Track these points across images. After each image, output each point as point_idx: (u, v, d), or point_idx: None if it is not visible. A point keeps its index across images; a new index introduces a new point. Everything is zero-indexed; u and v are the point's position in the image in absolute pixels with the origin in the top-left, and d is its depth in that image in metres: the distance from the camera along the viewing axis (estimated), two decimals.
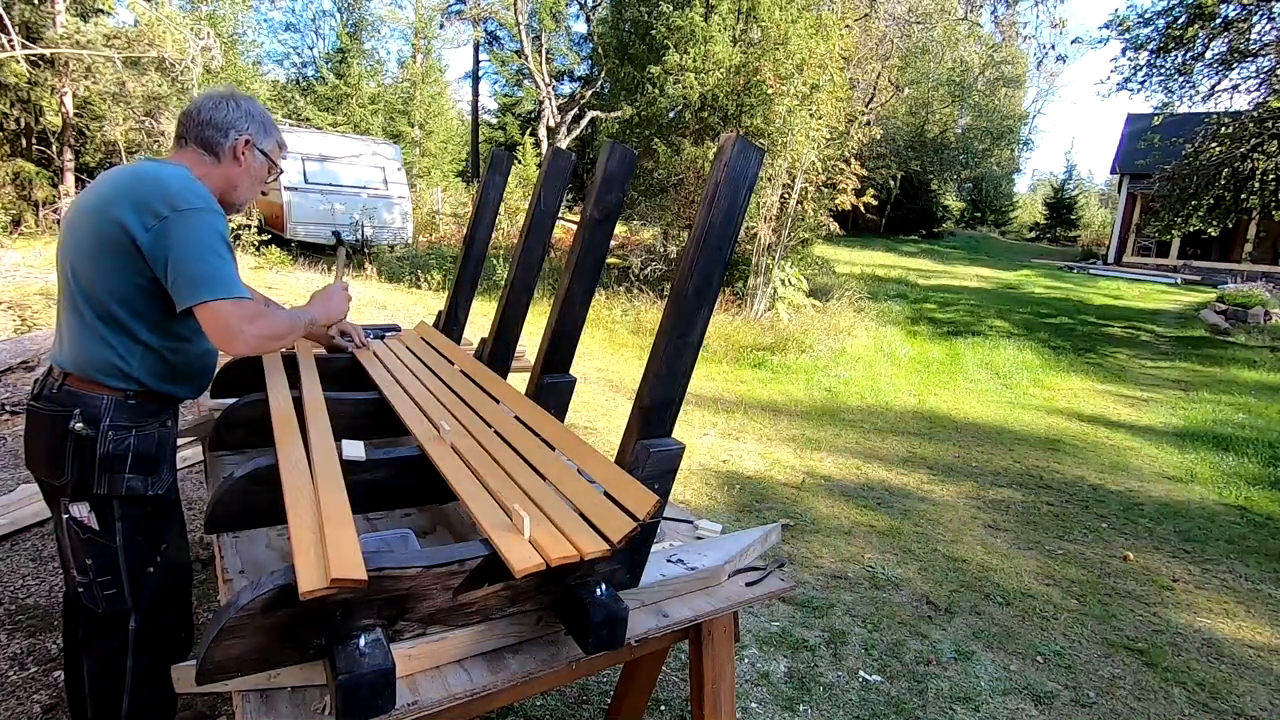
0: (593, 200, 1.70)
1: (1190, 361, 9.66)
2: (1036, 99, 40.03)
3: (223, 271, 1.41)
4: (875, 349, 9.13)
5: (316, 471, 1.35)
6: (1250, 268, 19.75)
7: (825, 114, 9.56)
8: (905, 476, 4.75)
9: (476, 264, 2.51)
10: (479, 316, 6.87)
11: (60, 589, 2.64)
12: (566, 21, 24.96)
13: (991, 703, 2.44)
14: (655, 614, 1.39)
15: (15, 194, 11.54)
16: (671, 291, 1.30)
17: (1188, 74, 12.14)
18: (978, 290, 15.67)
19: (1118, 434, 6.19)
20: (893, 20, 16.32)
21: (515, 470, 1.43)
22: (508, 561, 1.08)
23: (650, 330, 8.52)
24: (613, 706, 2.15)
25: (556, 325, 1.78)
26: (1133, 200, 22.11)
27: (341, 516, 1.16)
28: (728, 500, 4.06)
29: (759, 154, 1.26)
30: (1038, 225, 35.08)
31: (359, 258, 11.49)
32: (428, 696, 1.09)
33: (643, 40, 10.86)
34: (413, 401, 1.86)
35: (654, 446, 1.29)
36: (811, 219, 10.60)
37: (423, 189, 19.41)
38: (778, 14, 9.59)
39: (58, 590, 2.65)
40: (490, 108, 31.81)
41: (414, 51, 27.04)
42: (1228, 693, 2.61)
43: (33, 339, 5.41)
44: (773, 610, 2.90)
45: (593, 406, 5.67)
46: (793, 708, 2.34)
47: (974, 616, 3.02)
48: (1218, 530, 4.17)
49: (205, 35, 11.16)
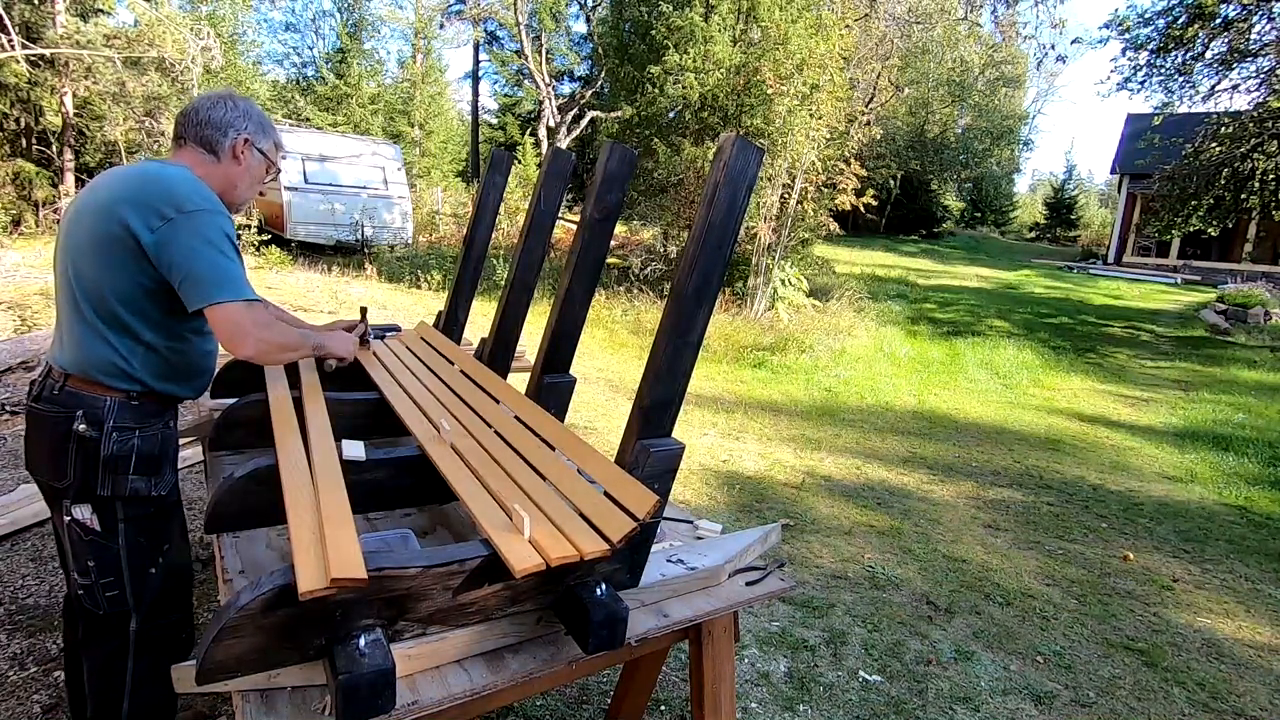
0: (593, 200, 1.70)
1: (1190, 361, 9.65)
2: (1036, 99, 40.05)
3: (232, 273, 1.43)
4: (875, 349, 9.12)
5: (316, 471, 1.35)
6: (1250, 268, 19.75)
7: (825, 114, 9.56)
8: (905, 476, 4.75)
9: (476, 264, 2.51)
10: (479, 316, 6.87)
11: (60, 589, 2.64)
12: (566, 21, 24.97)
13: (991, 703, 2.44)
14: (655, 614, 1.39)
15: (15, 194, 11.54)
16: (671, 291, 1.30)
17: (1188, 74, 12.14)
18: (978, 290, 15.67)
19: (1118, 434, 6.19)
20: (893, 20, 16.32)
21: (515, 470, 1.43)
22: (508, 562, 1.08)
23: (650, 330, 8.52)
24: (613, 706, 2.15)
25: (556, 325, 1.78)
26: (1133, 200, 22.10)
27: (341, 516, 1.16)
28: (728, 500, 4.06)
29: (759, 154, 1.26)
30: (1038, 225, 35.08)
31: (359, 257, 11.49)
32: (428, 696, 1.09)
33: (642, 40, 10.87)
34: (412, 401, 1.86)
35: (654, 446, 1.29)
36: (811, 219, 10.60)
37: (423, 189, 19.41)
38: (778, 14, 9.59)
39: (58, 590, 2.65)
40: (490, 108, 31.83)
41: (414, 51, 27.05)
42: (1228, 693, 2.61)
43: (33, 339, 5.41)
44: (773, 610, 2.90)
45: (593, 406, 5.67)
46: (793, 708, 2.33)
47: (974, 616, 3.02)
48: (1218, 530, 4.17)
49: (205, 35, 11.16)
